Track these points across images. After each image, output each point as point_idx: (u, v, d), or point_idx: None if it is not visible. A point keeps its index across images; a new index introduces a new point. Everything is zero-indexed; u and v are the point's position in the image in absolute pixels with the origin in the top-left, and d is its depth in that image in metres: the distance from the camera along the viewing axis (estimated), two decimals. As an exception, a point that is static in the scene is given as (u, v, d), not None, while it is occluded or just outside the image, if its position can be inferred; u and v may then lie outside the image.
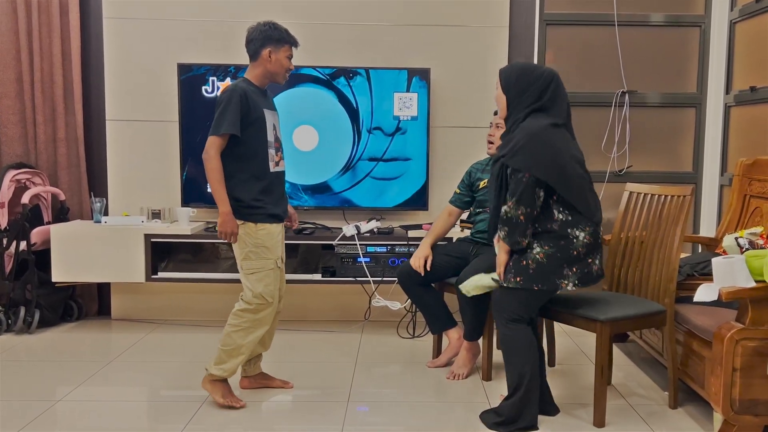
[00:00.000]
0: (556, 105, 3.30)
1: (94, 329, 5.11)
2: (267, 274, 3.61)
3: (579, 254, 3.29)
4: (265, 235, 3.58)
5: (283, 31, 3.60)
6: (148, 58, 5.22)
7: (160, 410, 3.66)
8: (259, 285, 3.59)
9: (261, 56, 3.58)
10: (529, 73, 3.31)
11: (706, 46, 5.35)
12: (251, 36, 3.59)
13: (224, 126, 3.45)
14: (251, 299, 3.60)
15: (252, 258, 3.59)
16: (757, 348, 3.11)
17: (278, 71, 3.63)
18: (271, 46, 3.57)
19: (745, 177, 4.30)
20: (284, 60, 3.62)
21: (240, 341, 3.62)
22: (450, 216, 4.36)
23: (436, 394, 3.90)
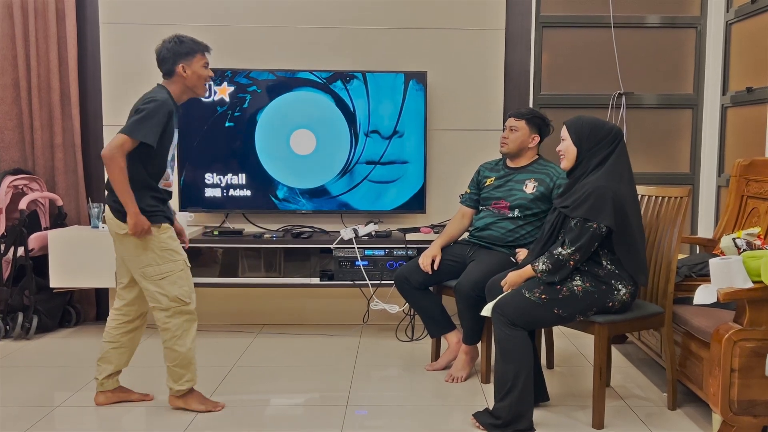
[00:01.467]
0: (619, 158, 3.42)
1: (93, 335, 5.09)
2: (179, 276, 3.51)
3: (613, 307, 3.39)
4: (167, 238, 3.49)
5: (189, 43, 3.52)
6: (144, 63, 5.10)
7: (159, 415, 3.65)
8: (173, 288, 3.48)
9: (176, 73, 3.50)
10: (601, 128, 3.44)
11: (702, 48, 5.35)
12: (161, 55, 3.50)
13: (143, 133, 3.32)
14: (168, 304, 3.49)
15: (159, 263, 3.47)
16: (755, 349, 3.11)
17: (197, 83, 3.55)
18: (182, 62, 3.49)
19: (742, 178, 4.30)
20: (201, 70, 3.54)
21: (182, 349, 3.54)
22: (463, 218, 4.37)
23: (435, 397, 3.90)
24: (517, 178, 4.19)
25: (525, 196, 4.12)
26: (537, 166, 4.20)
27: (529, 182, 4.14)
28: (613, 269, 3.38)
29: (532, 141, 4.20)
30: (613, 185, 3.31)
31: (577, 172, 3.46)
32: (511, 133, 4.18)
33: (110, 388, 3.76)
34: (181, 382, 3.60)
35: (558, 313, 3.37)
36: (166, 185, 3.56)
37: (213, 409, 3.65)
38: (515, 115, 4.22)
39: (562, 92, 5.40)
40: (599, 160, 3.40)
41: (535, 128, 4.19)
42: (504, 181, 4.21)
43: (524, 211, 4.12)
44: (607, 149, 3.41)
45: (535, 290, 3.39)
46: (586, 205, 3.28)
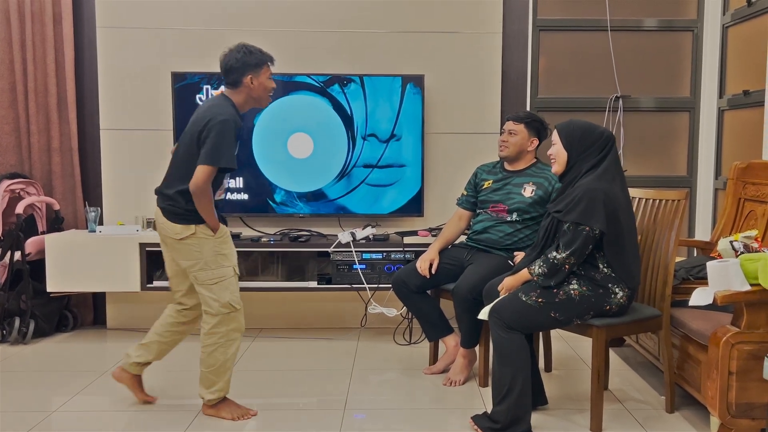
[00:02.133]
0: (613, 162, 3.41)
1: (90, 339, 5.10)
2: (230, 282, 3.53)
3: (610, 310, 3.38)
4: (221, 243, 3.51)
5: (258, 53, 3.52)
6: (141, 66, 5.21)
7: (156, 420, 3.64)
8: (224, 293, 3.50)
9: (243, 84, 3.49)
10: (592, 132, 3.43)
11: (699, 51, 5.35)
12: (229, 65, 3.48)
13: (223, 159, 3.34)
14: (219, 310, 3.50)
15: (212, 267, 3.49)
16: (752, 351, 3.12)
17: (262, 95, 3.57)
18: (251, 72, 3.49)
19: (739, 180, 4.29)
20: (267, 81, 3.55)
21: (223, 357, 3.54)
22: (460, 220, 4.37)
23: (433, 401, 3.90)
24: (515, 181, 4.19)
25: (523, 199, 4.12)
26: (535, 170, 4.20)
27: (527, 186, 4.14)
28: (609, 272, 3.37)
29: (531, 144, 4.21)
30: (604, 188, 3.30)
31: (569, 176, 3.45)
32: (510, 136, 4.19)
33: (133, 371, 3.76)
34: (212, 390, 3.58)
35: (555, 316, 3.37)
36: (218, 194, 3.60)
37: (245, 416, 3.63)
38: (514, 118, 4.22)
39: (559, 95, 5.40)
40: (591, 165, 3.39)
41: (533, 132, 4.20)
42: (502, 185, 4.21)
43: (522, 215, 4.12)
44: (599, 154, 3.40)
45: (532, 294, 3.39)
46: (578, 209, 3.28)
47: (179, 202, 3.47)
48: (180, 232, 3.47)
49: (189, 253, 3.49)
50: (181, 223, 3.46)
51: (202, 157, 3.35)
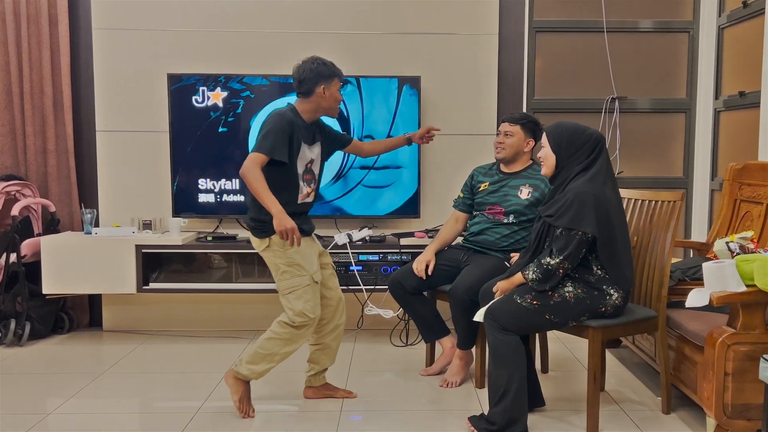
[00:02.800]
0: (603, 165, 3.39)
1: (86, 341, 5.09)
2: (305, 291, 3.59)
3: (605, 312, 3.38)
4: (294, 252, 3.56)
5: (331, 66, 3.64)
6: (137, 68, 5.20)
7: (152, 422, 3.65)
8: (298, 303, 3.58)
9: (315, 93, 3.60)
10: (580, 134, 3.41)
11: (695, 52, 5.35)
12: (303, 75, 3.59)
13: (269, 149, 3.45)
14: (293, 318, 3.58)
15: (287, 277, 3.59)
16: (748, 352, 3.12)
17: (333, 105, 3.67)
18: (324, 83, 3.60)
19: (735, 182, 4.29)
20: (337, 93, 3.66)
21: (277, 350, 3.62)
22: (457, 222, 4.37)
23: (430, 402, 3.90)
24: (511, 183, 4.19)
25: (520, 201, 4.12)
26: (531, 172, 4.20)
27: (524, 188, 4.14)
28: (603, 274, 3.37)
29: (527, 145, 4.21)
30: (595, 191, 3.29)
31: (559, 179, 3.44)
32: (506, 138, 4.19)
33: (317, 384, 3.93)
34: (249, 367, 3.64)
35: (550, 318, 3.37)
36: (303, 197, 3.67)
37: (244, 411, 3.66)
38: (510, 120, 4.21)
39: (555, 97, 5.39)
40: (581, 167, 3.37)
41: (529, 133, 4.20)
42: (498, 187, 4.21)
43: (519, 217, 4.12)
44: (589, 156, 3.38)
45: (527, 296, 3.38)
46: (570, 214, 3.27)
47: (251, 212, 3.64)
48: (259, 245, 3.65)
49: (270, 264, 3.65)
50: (257, 237, 3.62)
51: (254, 147, 3.49)
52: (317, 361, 3.89)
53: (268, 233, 3.55)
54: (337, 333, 3.88)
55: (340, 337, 3.91)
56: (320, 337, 3.85)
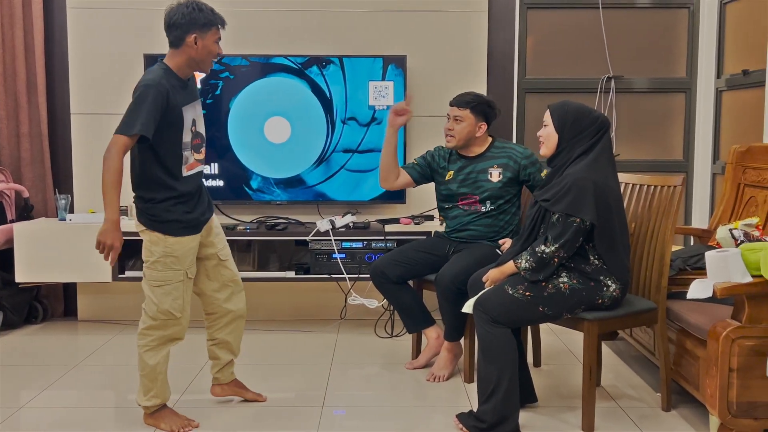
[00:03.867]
0: (603, 148, 3.30)
1: (60, 331, 5.04)
2: (175, 287, 3.31)
3: (602, 304, 3.28)
4: (174, 243, 3.29)
5: (208, 12, 3.21)
6: (113, 49, 5.10)
7: (128, 415, 3.57)
8: (165, 299, 3.29)
9: (185, 43, 3.19)
10: (585, 116, 3.32)
11: (695, 29, 5.27)
12: (173, 20, 3.17)
13: (137, 126, 3.06)
14: (156, 314, 3.30)
15: (159, 268, 3.29)
16: (754, 347, 3.01)
17: (205, 58, 3.27)
18: (196, 32, 3.18)
19: (738, 165, 4.22)
20: (212, 45, 3.24)
21: (151, 362, 3.34)
22: (399, 173, 4.22)
23: (416, 397, 3.83)
24: (478, 168, 4.05)
25: (493, 186, 4.00)
26: (495, 151, 4.07)
27: (492, 170, 4.01)
28: (601, 265, 3.27)
29: (480, 130, 4.05)
30: (595, 177, 3.19)
31: (558, 161, 3.33)
32: (456, 123, 4.02)
33: (225, 380, 3.69)
34: (147, 397, 3.39)
35: (543, 311, 3.26)
36: (188, 168, 3.31)
37: (185, 428, 3.40)
38: (458, 103, 4.05)
39: (548, 76, 5.32)
40: (582, 150, 3.27)
41: (481, 116, 4.04)
42: (465, 175, 4.07)
43: (496, 201, 4.00)
44: (591, 139, 3.28)
45: (519, 287, 3.27)
46: (567, 199, 3.17)
47: (136, 191, 3.33)
48: (137, 223, 3.35)
49: (144, 248, 3.34)
50: (140, 219, 3.33)
51: (118, 126, 3.12)
52: (216, 356, 3.63)
53: (147, 225, 3.30)
54: (234, 326, 3.61)
55: (239, 329, 3.65)
56: (213, 333, 3.60)
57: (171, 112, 3.18)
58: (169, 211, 3.25)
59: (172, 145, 3.23)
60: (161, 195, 3.25)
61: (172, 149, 3.23)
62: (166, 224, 3.27)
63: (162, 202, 3.25)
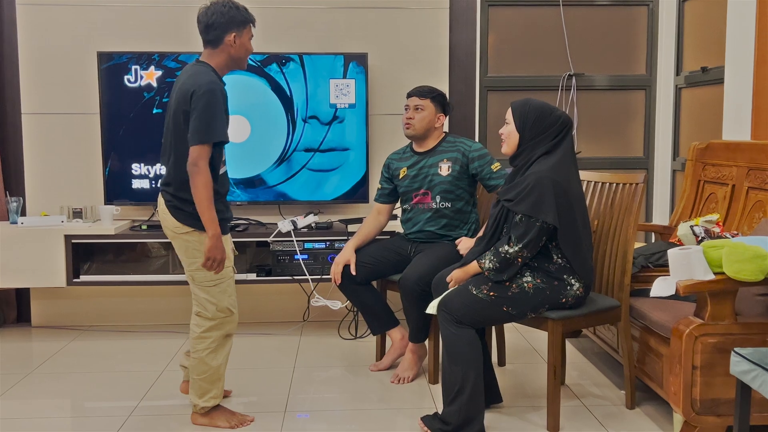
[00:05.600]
0: (565, 147, 3.29)
1: (13, 338, 4.92)
2: (229, 283, 3.32)
3: (566, 303, 3.26)
4: (223, 240, 3.24)
5: (244, 11, 3.26)
6: (65, 46, 4.98)
7: (84, 424, 3.56)
8: (223, 297, 3.30)
9: (224, 42, 3.22)
10: (547, 115, 3.29)
11: (654, 26, 5.29)
12: (211, 20, 3.19)
13: (216, 133, 3.11)
14: (215, 314, 3.29)
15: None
16: (717, 344, 3.00)
17: (243, 56, 3.31)
18: (235, 30, 3.22)
19: (698, 162, 4.24)
20: (248, 43, 3.31)
21: (214, 363, 3.33)
22: (380, 214, 4.22)
23: (381, 400, 3.80)
24: (429, 162, 4.04)
25: (442, 179, 3.98)
26: (446, 145, 4.07)
27: (442, 164, 4.01)
28: (564, 263, 3.25)
29: (438, 120, 4.07)
30: (557, 177, 3.17)
31: (520, 160, 3.32)
32: (416, 113, 4.03)
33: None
34: (206, 398, 3.37)
35: (508, 311, 3.24)
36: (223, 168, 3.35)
37: (242, 423, 3.43)
38: (418, 93, 4.06)
39: (509, 74, 5.31)
40: (545, 150, 3.25)
41: (440, 107, 4.07)
42: (417, 170, 4.06)
43: (447, 196, 3.98)
44: (553, 139, 3.26)
45: (483, 287, 3.24)
46: (530, 200, 3.15)
47: (176, 188, 3.24)
48: (179, 226, 3.26)
49: (187, 249, 3.28)
50: (181, 219, 3.25)
51: (193, 136, 3.10)
52: None
53: (196, 226, 3.22)
54: None
55: None
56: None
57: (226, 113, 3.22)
58: (220, 211, 3.23)
59: (220, 144, 3.23)
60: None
61: (218, 150, 3.23)
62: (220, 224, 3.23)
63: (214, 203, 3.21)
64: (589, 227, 3.34)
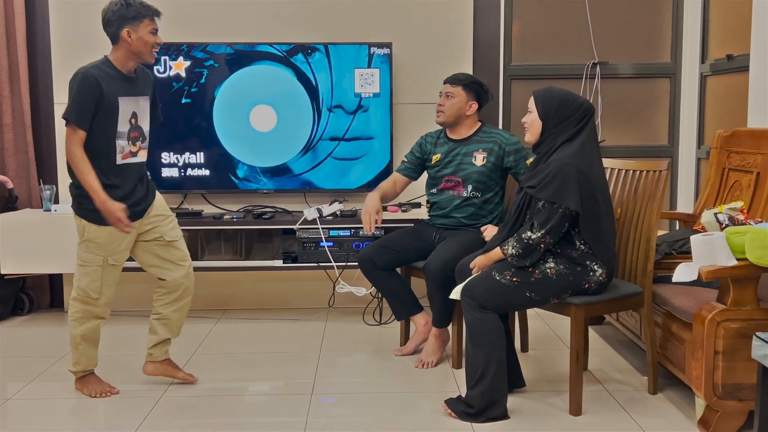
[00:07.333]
0: (588, 134, 3.31)
1: (47, 323, 4.99)
2: (94, 270, 3.49)
3: (589, 288, 3.28)
4: (95, 230, 3.44)
5: (137, 6, 3.38)
6: (96, 37, 4.83)
7: (115, 406, 3.56)
8: (83, 279, 3.51)
9: (121, 38, 3.37)
10: (570, 103, 3.31)
11: (679, 14, 5.24)
12: (106, 19, 3.37)
13: (71, 115, 3.30)
14: (77, 289, 3.53)
15: (82, 249, 3.50)
16: (739, 329, 3.00)
17: (143, 50, 3.41)
18: (128, 26, 3.35)
19: (723, 149, 4.20)
20: (147, 36, 3.40)
21: (73, 331, 3.57)
22: (395, 184, 4.23)
23: (405, 384, 3.81)
24: (464, 150, 4.06)
25: (476, 169, 4.00)
26: (482, 135, 4.07)
27: (477, 154, 4.02)
28: (587, 249, 3.26)
29: (470, 108, 4.06)
30: (580, 163, 3.19)
31: (543, 148, 3.33)
32: (447, 99, 4.04)
33: (158, 359, 3.76)
34: (72, 363, 3.64)
35: (530, 296, 3.25)
36: (123, 157, 3.46)
37: (103, 394, 3.63)
38: (451, 81, 4.07)
39: (533, 63, 5.29)
40: (567, 137, 3.27)
41: (472, 94, 4.06)
42: (452, 157, 4.08)
43: (479, 186, 4.00)
44: (576, 126, 3.28)
45: (506, 272, 3.26)
46: (552, 186, 3.17)
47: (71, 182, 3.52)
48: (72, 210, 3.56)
49: (78, 230, 3.52)
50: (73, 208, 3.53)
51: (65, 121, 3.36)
52: (155, 330, 3.71)
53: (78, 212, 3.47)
54: (181, 305, 3.71)
55: (185, 308, 3.74)
56: (158, 307, 3.70)
57: (105, 100, 3.33)
58: (91, 199, 3.36)
59: (104, 131, 3.38)
60: None
61: (103, 135, 3.38)
62: (89, 213, 3.42)
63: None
64: (612, 214, 3.35)
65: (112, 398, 3.63)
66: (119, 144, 3.41)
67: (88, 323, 3.57)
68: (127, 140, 3.44)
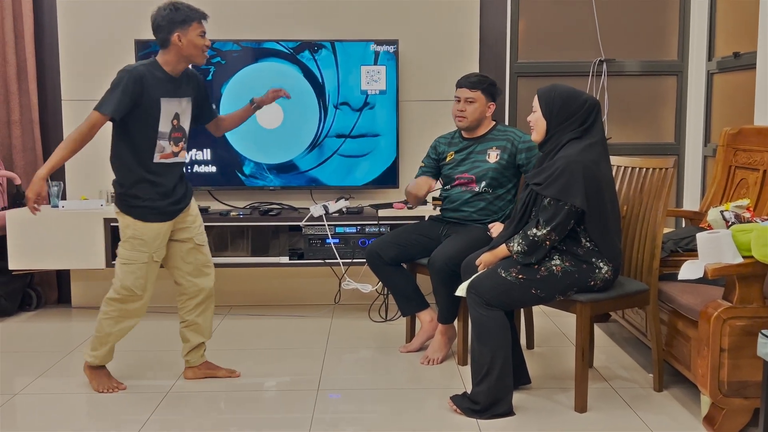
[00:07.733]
0: (595, 131, 3.30)
1: (54, 318, 5.01)
2: (139, 267, 3.52)
3: (594, 286, 3.28)
4: (142, 227, 3.48)
5: (185, 10, 3.42)
6: (104, 34, 5.05)
7: (123, 401, 3.58)
8: (128, 277, 3.51)
9: (171, 42, 3.40)
10: (573, 101, 3.29)
11: (686, 11, 5.24)
12: (156, 24, 3.40)
13: (108, 107, 3.34)
14: (119, 289, 3.53)
15: (127, 248, 3.52)
16: (745, 327, 3.01)
17: (193, 53, 3.45)
18: (178, 30, 3.38)
19: (729, 147, 4.19)
20: (197, 39, 3.44)
21: (108, 329, 3.59)
22: (427, 180, 4.19)
23: (410, 380, 3.82)
24: (478, 149, 4.08)
25: (490, 166, 4.01)
26: (496, 133, 4.09)
27: (491, 151, 4.03)
28: (592, 247, 3.26)
29: (489, 110, 4.09)
30: (586, 161, 3.18)
31: (548, 146, 3.32)
32: (468, 105, 4.05)
33: (195, 363, 3.82)
34: (91, 354, 3.65)
35: (536, 293, 3.26)
36: (163, 157, 3.49)
37: (110, 390, 3.65)
38: (469, 85, 4.07)
39: (540, 60, 5.29)
40: (574, 135, 3.26)
41: (489, 96, 4.09)
42: (465, 155, 4.10)
43: (492, 183, 4.00)
44: (581, 124, 3.27)
45: (512, 269, 3.26)
46: (558, 184, 3.16)
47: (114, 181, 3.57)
48: (115, 208, 3.60)
49: (120, 228, 3.55)
50: (119, 205, 3.55)
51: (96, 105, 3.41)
52: (186, 338, 3.79)
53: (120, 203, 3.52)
54: (203, 308, 3.77)
55: (209, 310, 3.81)
56: (183, 315, 3.78)
57: (146, 98, 3.36)
58: (137, 197, 3.45)
59: (147, 130, 3.41)
60: (130, 180, 3.45)
61: (146, 135, 3.42)
62: (135, 209, 3.48)
63: (132, 187, 3.44)
64: (618, 211, 3.34)
65: (119, 393, 3.65)
66: (159, 144, 3.45)
67: (125, 323, 3.60)
68: (168, 140, 3.48)
